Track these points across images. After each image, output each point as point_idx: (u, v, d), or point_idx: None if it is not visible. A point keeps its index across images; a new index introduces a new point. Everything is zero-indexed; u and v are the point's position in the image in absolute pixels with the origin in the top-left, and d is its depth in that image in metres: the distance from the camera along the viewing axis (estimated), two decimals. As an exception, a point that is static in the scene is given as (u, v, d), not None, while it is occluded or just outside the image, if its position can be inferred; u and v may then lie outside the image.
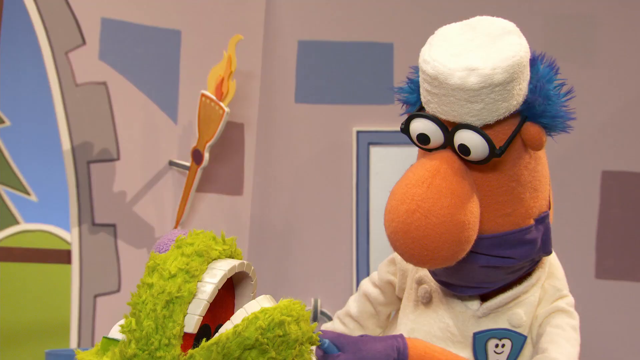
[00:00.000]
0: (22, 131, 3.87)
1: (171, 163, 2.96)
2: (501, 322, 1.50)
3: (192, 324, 1.18)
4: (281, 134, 3.17)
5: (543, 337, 1.48)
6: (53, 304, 3.79)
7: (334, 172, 3.14)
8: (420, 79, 1.39)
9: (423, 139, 1.39)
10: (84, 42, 2.82)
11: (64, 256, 2.96)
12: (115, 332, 1.23)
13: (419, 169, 1.36)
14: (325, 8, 3.17)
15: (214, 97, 2.85)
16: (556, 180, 3.11)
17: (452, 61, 1.33)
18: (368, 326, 1.71)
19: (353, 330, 1.70)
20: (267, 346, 1.17)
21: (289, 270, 3.10)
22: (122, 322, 1.21)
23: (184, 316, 1.18)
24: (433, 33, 3.14)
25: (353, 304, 1.74)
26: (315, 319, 3.05)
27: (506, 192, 1.40)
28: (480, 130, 1.34)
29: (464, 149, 1.35)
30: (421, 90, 1.40)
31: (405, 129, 1.41)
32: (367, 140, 3.11)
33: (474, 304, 1.51)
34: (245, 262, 1.28)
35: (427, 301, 1.56)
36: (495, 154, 1.34)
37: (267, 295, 1.25)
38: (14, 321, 3.78)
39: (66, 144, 2.78)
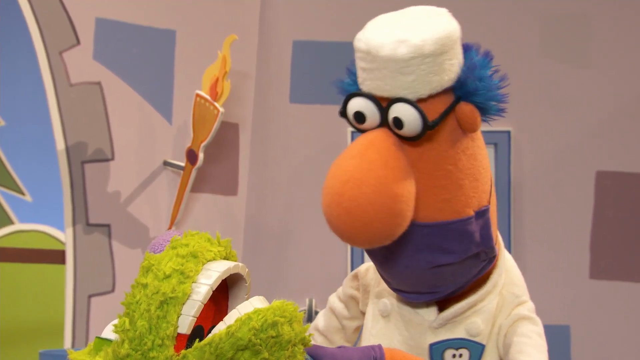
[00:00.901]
0: (17, 131, 3.86)
1: (166, 163, 2.96)
2: (458, 332, 1.49)
3: (185, 324, 1.18)
4: (276, 134, 3.17)
5: (511, 348, 1.46)
6: (47, 304, 3.79)
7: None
8: (356, 60, 1.41)
9: (359, 117, 1.39)
10: (78, 42, 2.82)
11: (58, 256, 2.96)
12: (108, 332, 1.22)
13: (354, 144, 1.37)
14: (320, 8, 3.17)
15: (208, 97, 2.85)
16: (551, 180, 3.13)
17: (383, 35, 1.36)
18: (335, 340, 1.70)
19: (321, 344, 1.65)
20: (260, 347, 1.17)
21: (284, 271, 3.10)
22: (115, 322, 1.21)
23: (178, 317, 1.17)
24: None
25: (321, 318, 1.74)
26: (310, 319, 3.05)
27: (444, 176, 1.40)
28: (413, 102, 1.35)
29: (398, 122, 1.36)
30: (357, 72, 1.42)
31: (343, 111, 1.42)
32: (362, 141, 3.11)
33: (431, 315, 1.50)
34: (240, 264, 1.28)
35: (386, 315, 1.55)
36: (428, 126, 1.35)
37: (260, 297, 1.25)
38: (8, 321, 3.78)
39: (60, 144, 2.78)
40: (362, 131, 1.41)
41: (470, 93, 1.39)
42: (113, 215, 2.85)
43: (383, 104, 1.37)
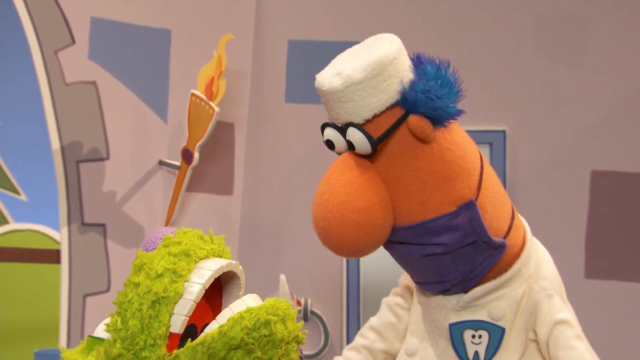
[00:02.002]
0: (12, 131, 3.86)
1: (161, 162, 2.95)
2: (480, 315, 1.59)
3: (178, 324, 1.17)
4: (271, 134, 3.16)
5: None
6: (42, 303, 3.78)
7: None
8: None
9: (329, 144, 1.58)
10: (73, 41, 2.81)
11: (53, 256, 2.95)
12: (101, 331, 1.22)
13: (328, 168, 1.55)
14: (315, 8, 3.16)
15: (204, 97, 2.85)
16: (546, 180, 3.13)
17: (326, 72, 1.54)
18: (388, 337, 1.77)
19: (374, 341, 1.76)
20: (253, 346, 1.17)
21: (279, 270, 3.09)
22: (107, 320, 1.21)
23: (170, 316, 1.17)
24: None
25: (375, 317, 1.82)
26: (305, 318, 3.05)
27: (414, 182, 1.53)
28: (357, 125, 1.51)
29: (350, 145, 1.52)
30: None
31: (325, 140, 1.59)
32: (358, 140, 3.11)
33: (454, 298, 1.61)
34: (233, 261, 1.28)
35: (423, 302, 1.66)
36: (374, 142, 1.49)
37: (253, 294, 1.25)
38: (4, 321, 3.77)
39: (55, 144, 2.78)
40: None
41: (413, 105, 1.51)
42: (108, 214, 2.85)
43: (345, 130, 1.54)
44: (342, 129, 1.54)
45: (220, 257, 1.28)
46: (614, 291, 3.03)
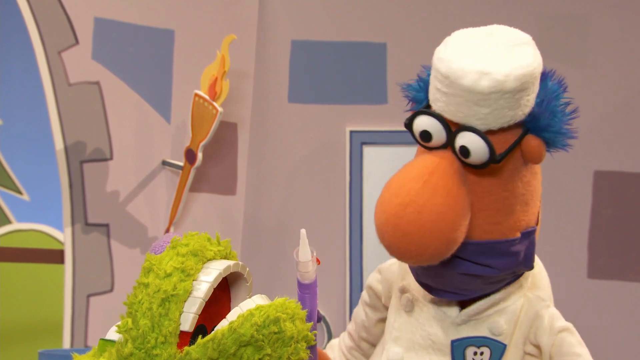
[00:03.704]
0: (15, 130, 3.86)
1: (164, 163, 2.96)
2: (481, 330, 1.50)
3: (188, 322, 1.18)
4: (274, 134, 3.17)
5: None
6: (46, 304, 3.79)
7: (327, 172, 3.14)
8: (432, 77, 1.40)
9: (425, 136, 1.40)
10: (77, 41, 2.82)
11: (56, 256, 2.95)
12: (112, 334, 1.23)
13: (417, 164, 1.37)
14: (318, 8, 3.17)
15: (207, 97, 2.85)
16: (548, 180, 3.12)
17: (466, 62, 1.34)
18: (361, 337, 1.74)
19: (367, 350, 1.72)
20: (263, 342, 1.18)
21: (282, 270, 3.10)
22: (118, 323, 1.22)
23: (180, 314, 1.18)
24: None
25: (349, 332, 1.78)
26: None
27: (498, 200, 1.41)
28: (483, 134, 1.35)
29: (465, 151, 1.36)
30: (430, 89, 1.41)
31: (409, 124, 1.42)
32: (360, 140, 3.11)
33: (453, 312, 1.51)
34: (240, 263, 1.29)
35: (409, 309, 1.56)
36: (495, 159, 1.36)
37: (262, 295, 1.26)
38: (7, 321, 3.77)
39: (59, 144, 2.78)
40: (423, 146, 1.42)
41: (541, 129, 1.40)
42: (112, 214, 2.85)
43: (452, 127, 1.38)
44: (450, 129, 1.38)
45: (227, 259, 1.30)
46: (616, 291, 3.03)
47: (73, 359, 1.22)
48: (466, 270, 1.43)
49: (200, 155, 2.86)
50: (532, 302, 1.53)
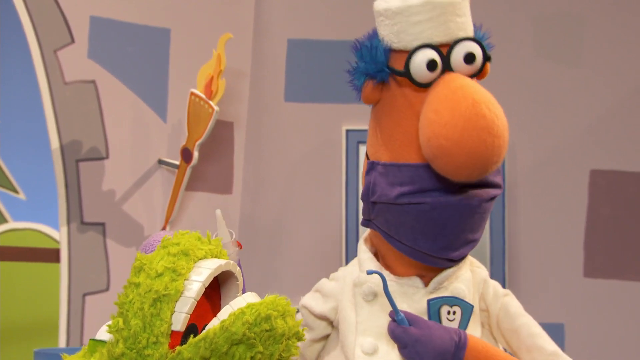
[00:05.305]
0: (11, 129, 3.86)
1: (160, 162, 2.96)
2: (449, 294, 1.60)
3: (179, 322, 1.18)
4: (271, 133, 3.17)
5: (522, 330, 1.60)
6: (42, 302, 3.79)
7: (324, 171, 3.14)
8: (399, 24, 1.50)
9: (432, 65, 1.48)
10: (72, 40, 2.82)
11: (52, 255, 2.95)
12: (103, 334, 1.23)
13: (450, 85, 1.45)
14: (314, 6, 3.17)
15: (203, 96, 2.85)
16: (545, 179, 3.13)
17: None
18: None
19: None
20: (255, 340, 1.17)
21: (278, 269, 3.10)
22: (109, 323, 1.21)
23: (172, 314, 1.18)
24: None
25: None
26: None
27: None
28: (474, 38, 1.50)
29: (471, 57, 1.49)
30: (403, 33, 1.50)
31: (406, 69, 1.48)
32: (357, 139, 3.11)
33: (420, 284, 1.59)
34: (231, 261, 1.28)
35: (371, 298, 1.59)
36: (488, 57, 1.51)
37: (252, 293, 1.26)
38: (3, 320, 3.77)
39: (55, 143, 2.78)
40: (420, 84, 1.49)
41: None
42: (108, 213, 2.85)
43: (443, 51, 1.48)
44: (441, 50, 1.48)
45: (218, 258, 1.29)
46: (613, 290, 3.03)
47: (63, 359, 1.21)
48: (487, 194, 1.51)
49: (196, 154, 2.86)
50: (476, 272, 1.63)
